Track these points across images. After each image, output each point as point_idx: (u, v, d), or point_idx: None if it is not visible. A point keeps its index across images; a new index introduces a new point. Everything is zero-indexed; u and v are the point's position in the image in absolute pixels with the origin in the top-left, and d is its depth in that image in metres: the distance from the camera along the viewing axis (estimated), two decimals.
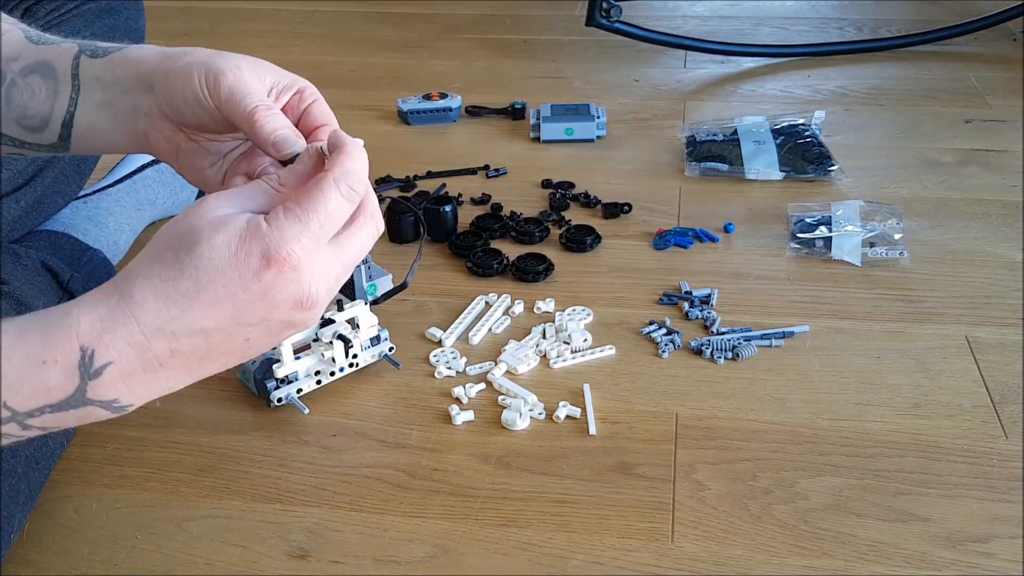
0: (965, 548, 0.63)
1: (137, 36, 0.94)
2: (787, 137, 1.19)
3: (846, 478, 0.69)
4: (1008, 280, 0.93)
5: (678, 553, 0.63)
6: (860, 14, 1.81)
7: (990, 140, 1.25)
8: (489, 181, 1.18)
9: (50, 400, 0.44)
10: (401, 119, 1.36)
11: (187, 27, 1.86)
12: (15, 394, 0.43)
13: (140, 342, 0.44)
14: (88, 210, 0.98)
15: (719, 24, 1.77)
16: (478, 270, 0.96)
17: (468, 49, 1.68)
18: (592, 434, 0.74)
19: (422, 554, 0.64)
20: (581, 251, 1.00)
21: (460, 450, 0.73)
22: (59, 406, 0.44)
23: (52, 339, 0.44)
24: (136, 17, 0.93)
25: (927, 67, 1.52)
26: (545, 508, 0.67)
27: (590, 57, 1.62)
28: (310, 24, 1.86)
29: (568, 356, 0.83)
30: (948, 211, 1.07)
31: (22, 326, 0.44)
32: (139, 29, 0.95)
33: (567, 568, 0.63)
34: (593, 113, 1.28)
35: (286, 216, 0.46)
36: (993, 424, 0.74)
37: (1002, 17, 1.57)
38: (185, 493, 0.70)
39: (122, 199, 1.02)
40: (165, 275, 0.45)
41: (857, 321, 0.87)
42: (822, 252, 0.98)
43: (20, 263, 0.81)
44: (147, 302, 0.44)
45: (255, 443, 0.74)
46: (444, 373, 0.81)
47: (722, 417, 0.76)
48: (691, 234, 1.02)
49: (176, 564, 0.64)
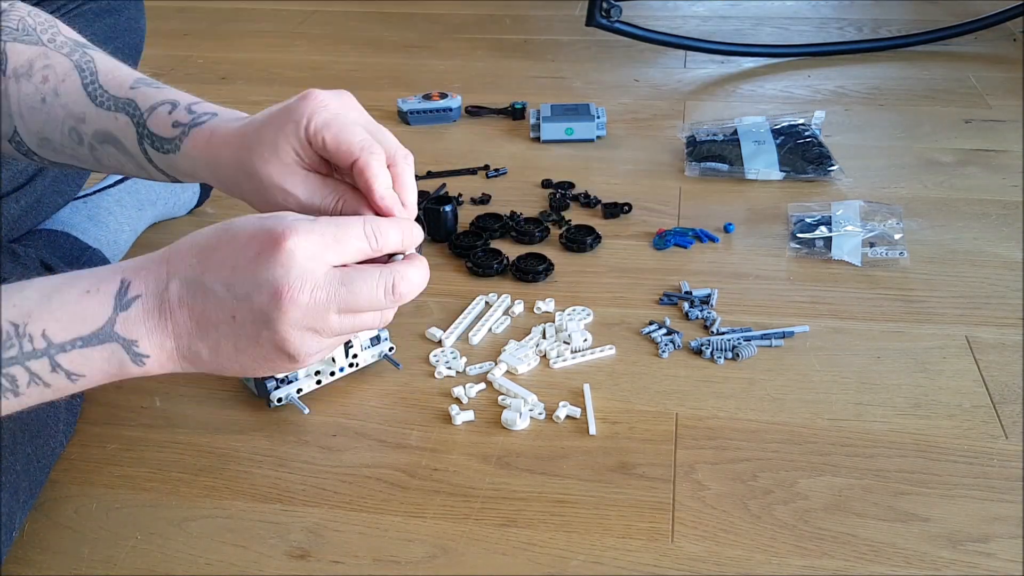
0: (965, 548, 0.63)
1: (138, 36, 0.94)
2: (787, 137, 1.19)
3: (846, 478, 0.69)
4: (1008, 280, 0.93)
5: (678, 553, 0.63)
6: (860, 14, 1.81)
7: (990, 140, 1.25)
8: (489, 181, 1.18)
9: (82, 331, 0.48)
10: (401, 119, 1.36)
11: (187, 27, 1.86)
12: (55, 320, 0.48)
13: (162, 280, 0.49)
14: (88, 209, 0.98)
15: (719, 24, 1.77)
16: (478, 270, 0.96)
17: (468, 49, 1.68)
18: (592, 434, 0.74)
19: (422, 554, 0.64)
20: (581, 251, 1.00)
21: (460, 450, 0.73)
22: (89, 339, 0.48)
23: (102, 273, 0.50)
24: (136, 17, 0.94)
25: (927, 67, 1.52)
26: (545, 508, 0.67)
27: (590, 57, 1.62)
28: (310, 24, 1.86)
29: (568, 356, 0.83)
30: (948, 211, 1.07)
31: (76, 271, 0.51)
32: (140, 29, 0.95)
33: (567, 568, 0.63)
34: (593, 113, 1.28)
35: (311, 220, 0.49)
36: (993, 424, 0.74)
37: (1002, 17, 1.57)
38: (185, 493, 0.70)
39: (122, 199, 1.02)
40: (206, 234, 0.51)
41: (857, 321, 0.87)
42: (822, 252, 0.98)
43: (19, 262, 0.81)
44: (181, 252, 0.50)
45: (255, 443, 0.74)
46: (444, 373, 0.81)
47: (722, 417, 0.76)
48: (691, 234, 1.02)
49: (176, 564, 0.64)
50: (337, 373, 0.79)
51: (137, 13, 0.94)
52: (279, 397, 0.76)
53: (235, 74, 1.58)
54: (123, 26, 0.91)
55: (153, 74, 0.63)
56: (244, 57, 1.67)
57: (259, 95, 1.47)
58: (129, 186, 1.04)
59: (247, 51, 1.71)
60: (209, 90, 1.50)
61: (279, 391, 0.76)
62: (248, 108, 0.61)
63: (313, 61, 1.64)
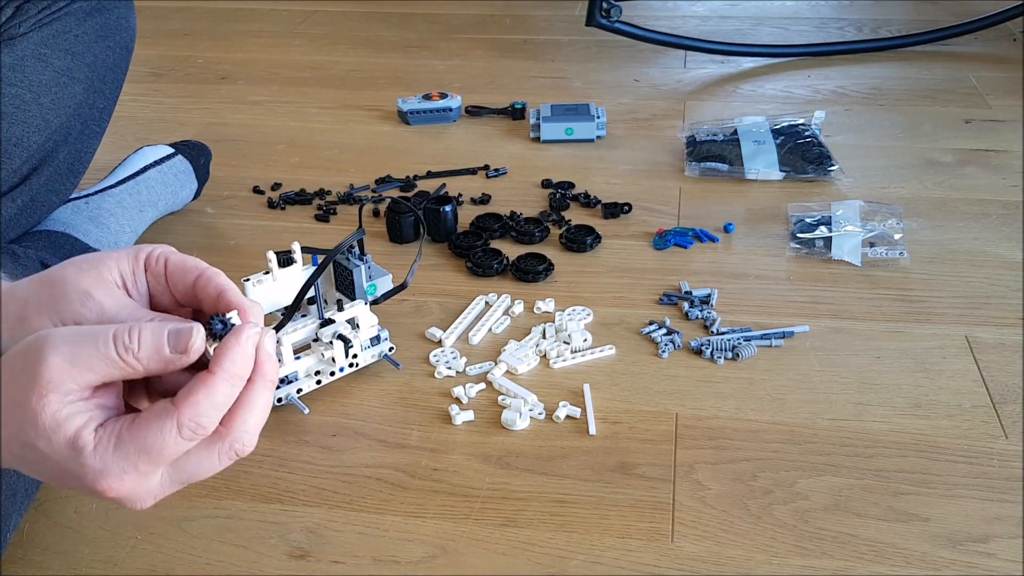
0: (965, 548, 0.63)
1: (128, 35, 0.94)
2: (787, 137, 1.19)
3: (846, 478, 0.69)
4: (1008, 280, 0.93)
5: (678, 553, 0.63)
6: (860, 14, 1.81)
7: (990, 140, 1.25)
8: (489, 181, 1.18)
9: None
10: (401, 119, 1.36)
11: (187, 27, 1.86)
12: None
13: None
14: (90, 211, 0.98)
15: (719, 24, 1.77)
16: (478, 270, 0.96)
17: (468, 49, 1.68)
18: (592, 434, 0.74)
19: (422, 554, 0.64)
20: (581, 251, 1.00)
21: (460, 450, 0.73)
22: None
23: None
24: (126, 15, 0.94)
25: (927, 67, 1.52)
26: (545, 508, 0.67)
27: (590, 57, 1.62)
28: (310, 24, 1.86)
29: (568, 356, 0.83)
30: (948, 211, 1.07)
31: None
32: (130, 28, 0.95)
33: (567, 568, 0.63)
34: (593, 113, 1.28)
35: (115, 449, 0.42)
36: (993, 424, 0.74)
37: (1002, 17, 1.57)
38: (185, 493, 0.70)
39: (124, 200, 1.02)
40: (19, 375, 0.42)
41: (857, 321, 0.87)
42: (822, 252, 0.98)
43: (19, 263, 0.81)
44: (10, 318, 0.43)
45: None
46: (444, 373, 0.81)
47: (722, 417, 0.76)
48: (691, 234, 1.02)
49: (176, 564, 0.64)
50: (337, 373, 0.79)
51: (127, 11, 0.94)
52: (279, 397, 0.76)
53: (235, 74, 1.58)
54: (113, 24, 0.91)
55: (153, 74, 0.63)
56: (244, 57, 1.67)
57: (259, 95, 1.47)
58: (131, 187, 1.04)
59: (247, 51, 1.71)
60: (209, 90, 1.51)
61: (279, 391, 0.76)
62: (248, 108, 0.61)
63: (313, 61, 1.64)
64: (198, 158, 1.12)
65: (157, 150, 1.10)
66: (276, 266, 0.75)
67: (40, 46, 0.84)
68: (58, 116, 0.85)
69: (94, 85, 0.89)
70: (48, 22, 0.85)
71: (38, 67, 0.83)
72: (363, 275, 0.80)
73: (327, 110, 1.41)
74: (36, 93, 0.83)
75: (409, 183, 1.17)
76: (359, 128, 1.33)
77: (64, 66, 0.85)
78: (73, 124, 0.87)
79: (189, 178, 1.10)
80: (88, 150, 0.92)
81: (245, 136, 1.32)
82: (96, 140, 0.93)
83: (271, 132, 1.33)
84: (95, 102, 0.90)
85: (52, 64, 0.84)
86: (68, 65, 0.86)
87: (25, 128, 0.82)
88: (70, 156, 0.88)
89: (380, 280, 0.82)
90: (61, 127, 0.86)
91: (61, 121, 0.85)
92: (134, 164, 1.07)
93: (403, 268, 0.94)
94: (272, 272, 0.75)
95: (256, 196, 1.16)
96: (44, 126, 0.84)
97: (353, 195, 1.14)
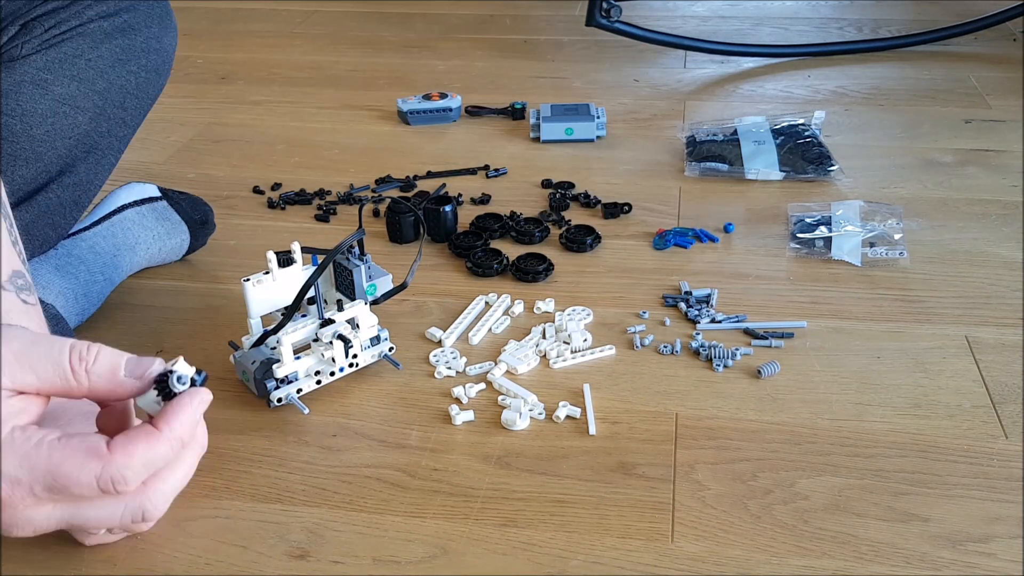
0: (965, 548, 0.63)
1: (160, 58, 0.85)
2: (787, 137, 1.19)
3: (846, 478, 0.69)
4: (1008, 280, 0.93)
5: (678, 553, 0.63)
6: (860, 14, 1.81)
7: (990, 140, 1.25)
8: (489, 181, 1.18)
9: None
10: (401, 119, 1.36)
11: (187, 27, 1.85)
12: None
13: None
14: (58, 258, 0.87)
15: (719, 24, 1.77)
16: (478, 270, 0.96)
17: (468, 49, 1.68)
18: (592, 434, 0.74)
19: (422, 554, 0.64)
20: (581, 251, 1.00)
21: (460, 450, 0.73)
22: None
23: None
24: (159, 36, 0.86)
25: (927, 67, 1.52)
26: (545, 508, 0.67)
27: (590, 57, 1.62)
28: (310, 24, 1.86)
29: (568, 356, 0.83)
30: (948, 211, 1.07)
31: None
32: (163, 50, 0.86)
33: (567, 568, 0.63)
34: (593, 113, 1.28)
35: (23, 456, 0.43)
36: (993, 424, 0.74)
37: (1002, 17, 1.57)
38: (185, 493, 0.69)
39: (97, 245, 0.91)
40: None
41: (857, 321, 0.87)
42: (822, 252, 0.98)
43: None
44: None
45: (255, 443, 0.74)
46: (444, 373, 0.81)
47: (722, 417, 0.76)
48: (691, 234, 1.02)
49: (175, 564, 0.64)
50: (337, 373, 0.79)
51: (161, 31, 0.87)
52: (279, 397, 0.76)
53: (235, 74, 1.58)
54: (140, 47, 0.85)
55: None
56: (244, 57, 1.67)
57: (259, 95, 1.47)
58: (104, 229, 0.93)
59: (247, 51, 1.71)
60: (209, 90, 1.51)
61: (279, 391, 0.76)
62: (248, 108, 0.61)
63: (313, 61, 1.64)
64: (191, 213, 0.99)
65: (140, 189, 0.97)
66: (276, 266, 0.75)
67: (42, 71, 0.78)
68: (53, 148, 0.79)
69: (106, 113, 0.83)
70: (55, 44, 0.79)
71: (35, 94, 0.77)
72: (363, 275, 0.80)
73: (327, 110, 1.41)
74: (28, 124, 0.77)
75: (409, 183, 1.17)
76: (359, 128, 1.33)
77: (66, 94, 0.79)
78: (75, 155, 0.82)
79: (178, 227, 0.97)
80: (96, 181, 0.85)
81: (245, 136, 1.32)
82: (107, 170, 0.87)
83: (271, 132, 1.33)
84: (110, 130, 0.84)
85: (52, 91, 0.78)
86: (72, 93, 0.80)
87: (11, 161, 0.76)
88: (71, 188, 0.83)
89: (380, 280, 0.82)
90: (57, 159, 0.80)
91: (58, 153, 0.80)
92: (111, 203, 0.95)
93: (403, 268, 0.94)
94: (272, 272, 0.75)
95: (256, 196, 1.16)
96: (34, 159, 0.78)
97: (353, 195, 1.14)
